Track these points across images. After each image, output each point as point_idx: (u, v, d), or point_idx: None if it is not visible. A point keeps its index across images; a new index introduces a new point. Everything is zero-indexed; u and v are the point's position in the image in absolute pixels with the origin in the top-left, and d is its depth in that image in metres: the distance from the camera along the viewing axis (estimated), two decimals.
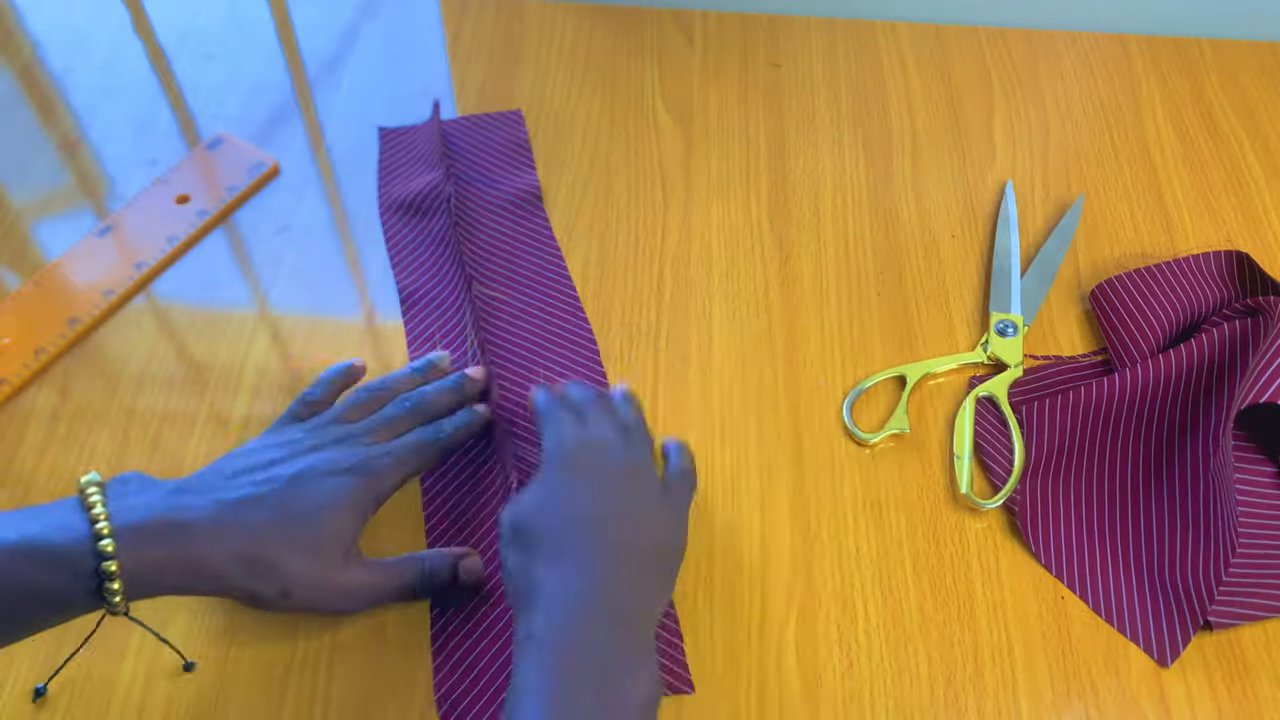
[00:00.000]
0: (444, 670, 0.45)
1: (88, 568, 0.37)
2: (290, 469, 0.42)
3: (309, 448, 0.44)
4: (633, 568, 0.41)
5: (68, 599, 0.38)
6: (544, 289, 0.58)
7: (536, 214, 0.62)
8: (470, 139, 0.65)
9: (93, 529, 0.37)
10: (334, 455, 0.44)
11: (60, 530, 0.37)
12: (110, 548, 0.37)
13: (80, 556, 0.37)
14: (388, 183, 0.63)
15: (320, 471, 0.42)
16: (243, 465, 0.43)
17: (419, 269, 0.59)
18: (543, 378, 0.54)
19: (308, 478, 0.42)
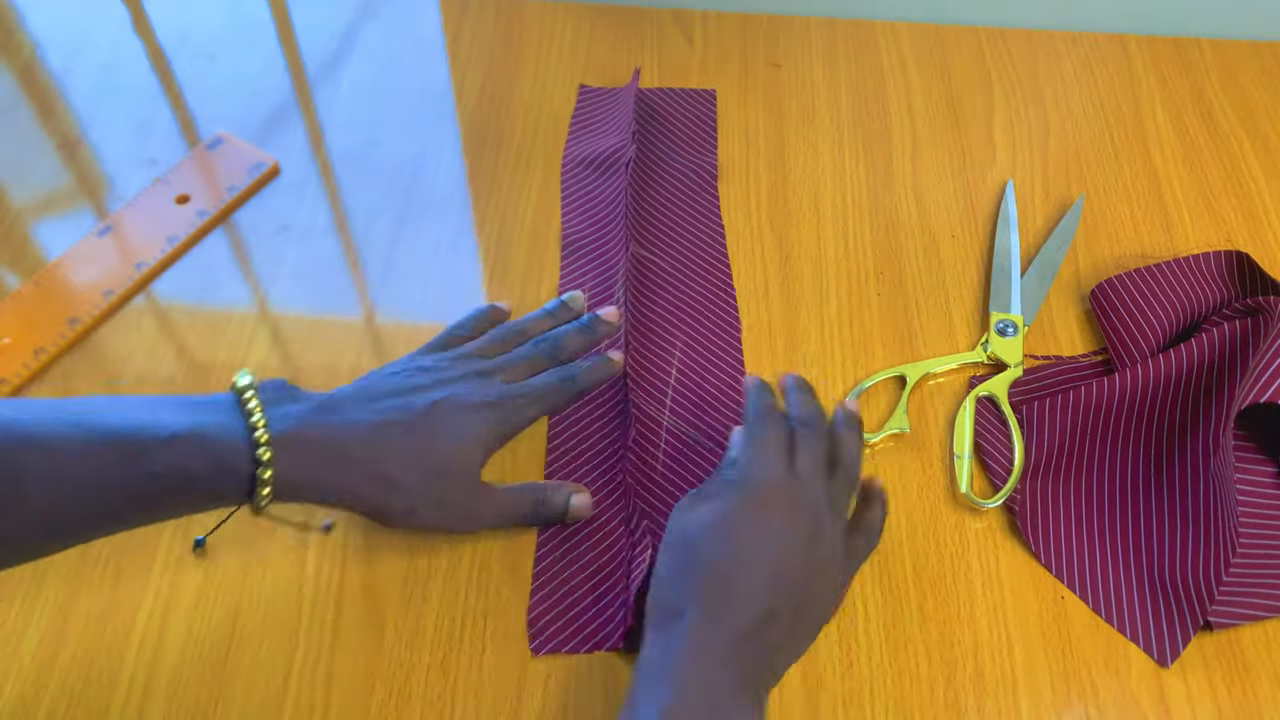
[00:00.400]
0: (540, 594, 0.47)
1: (245, 471, 0.40)
2: (429, 397, 0.44)
3: (450, 378, 0.46)
4: (786, 625, 0.41)
5: (219, 493, 0.40)
6: (699, 262, 0.60)
7: (708, 192, 0.63)
8: (664, 110, 0.68)
9: (252, 436, 0.40)
10: (472, 388, 0.45)
11: (222, 430, 0.40)
12: (267, 455, 0.40)
13: (239, 458, 0.40)
14: (576, 136, 0.66)
15: (458, 403, 0.44)
16: (388, 388, 0.45)
17: (585, 219, 0.62)
18: (680, 343, 0.56)
19: (445, 408, 0.44)
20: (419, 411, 0.44)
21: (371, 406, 0.44)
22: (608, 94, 0.69)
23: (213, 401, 0.41)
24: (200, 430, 0.39)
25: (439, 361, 0.47)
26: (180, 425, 0.39)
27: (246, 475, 0.40)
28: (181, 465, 0.39)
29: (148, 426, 0.38)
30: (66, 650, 0.45)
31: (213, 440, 0.39)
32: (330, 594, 0.47)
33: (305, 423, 0.42)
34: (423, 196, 0.63)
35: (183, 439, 0.39)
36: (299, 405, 0.42)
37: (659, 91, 0.69)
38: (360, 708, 0.44)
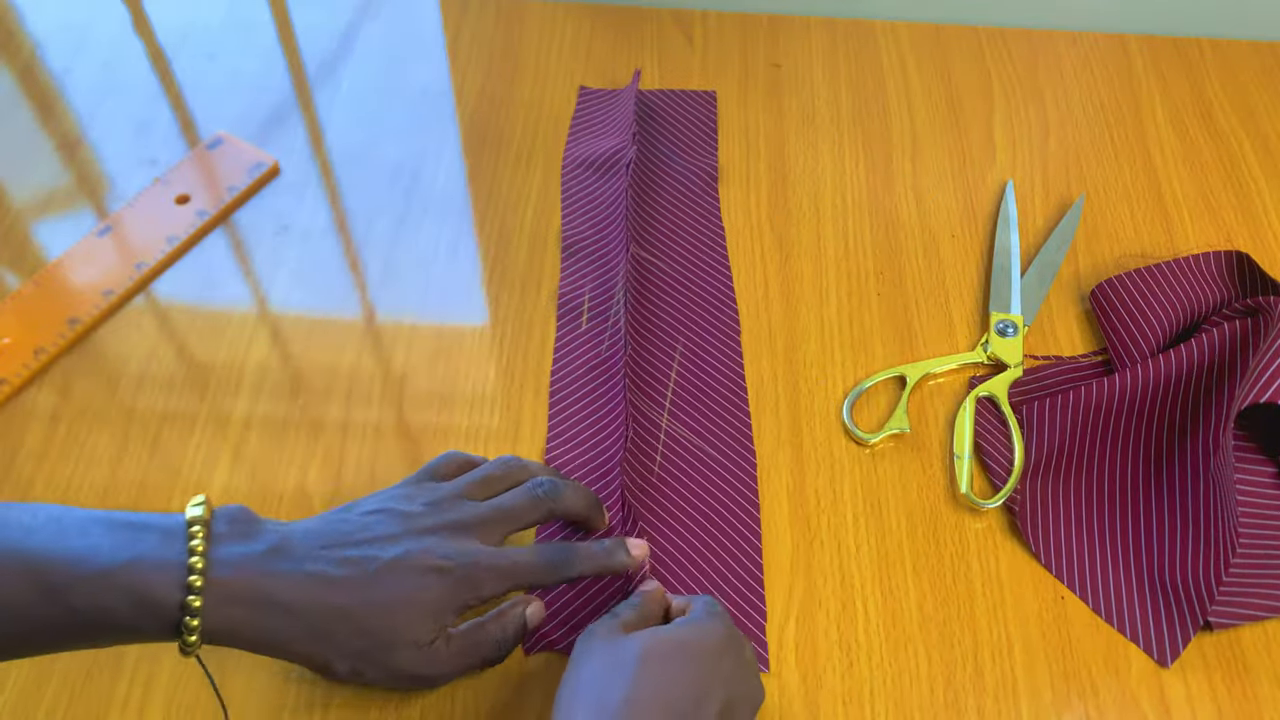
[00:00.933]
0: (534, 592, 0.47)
1: (171, 615, 0.37)
2: (387, 554, 0.41)
3: (420, 530, 0.42)
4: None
5: (143, 632, 0.38)
6: (700, 265, 0.60)
7: (709, 194, 0.63)
8: (664, 111, 0.68)
9: (186, 578, 0.37)
10: (437, 547, 0.41)
11: (156, 567, 0.37)
12: (196, 603, 0.37)
13: (167, 600, 0.37)
14: (576, 138, 0.66)
15: (414, 564, 0.41)
16: (351, 536, 0.41)
17: (586, 220, 0.62)
18: (681, 346, 0.56)
19: (400, 569, 0.40)
20: (371, 572, 0.40)
21: (325, 556, 0.40)
22: (608, 95, 0.69)
23: (159, 527, 0.38)
24: (132, 565, 0.36)
25: (416, 506, 0.43)
26: (112, 558, 0.36)
27: (172, 620, 0.37)
28: (103, 603, 0.36)
29: (76, 557, 0.36)
30: None
31: (142, 578, 0.36)
32: None
33: (247, 570, 0.38)
34: (423, 196, 0.63)
35: (109, 575, 0.36)
36: (247, 546, 0.39)
37: (660, 93, 0.69)
38: (360, 708, 0.44)
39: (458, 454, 0.47)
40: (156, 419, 0.53)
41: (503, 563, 0.42)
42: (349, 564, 0.40)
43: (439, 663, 0.42)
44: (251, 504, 0.49)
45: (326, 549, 0.40)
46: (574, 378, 0.55)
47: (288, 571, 0.39)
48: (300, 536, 0.40)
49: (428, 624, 0.41)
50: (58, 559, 0.36)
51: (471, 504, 0.44)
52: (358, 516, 0.42)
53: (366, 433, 0.53)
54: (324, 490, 0.51)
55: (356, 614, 0.40)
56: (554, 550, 0.44)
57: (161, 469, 0.51)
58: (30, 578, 0.35)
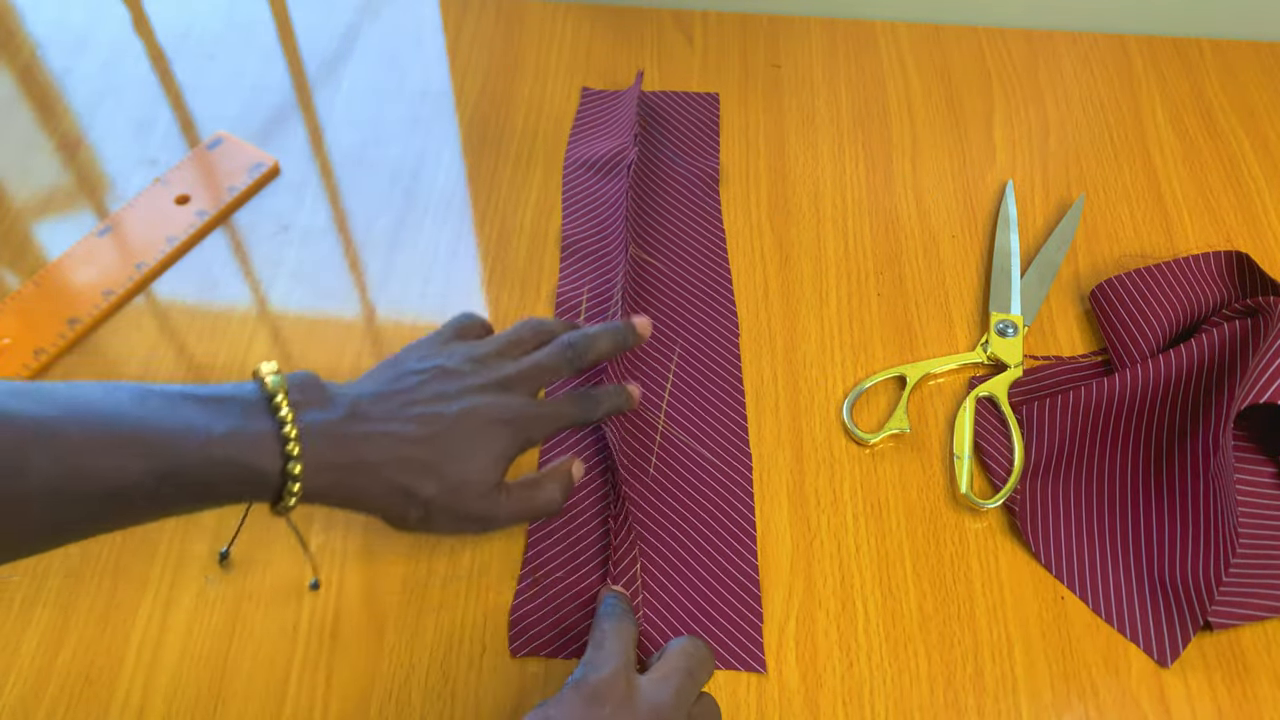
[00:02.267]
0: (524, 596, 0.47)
1: (273, 481, 0.39)
2: (454, 408, 0.44)
3: (473, 387, 0.46)
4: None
5: (241, 497, 0.40)
6: (699, 268, 0.60)
7: (710, 196, 0.63)
8: (666, 113, 0.68)
9: (283, 447, 0.39)
10: (494, 401, 0.45)
11: (253, 438, 0.39)
12: (297, 469, 0.39)
13: (269, 467, 0.39)
14: (578, 138, 0.66)
15: (480, 418, 0.45)
16: (415, 395, 0.45)
17: (586, 221, 0.62)
18: (678, 349, 0.56)
19: (468, 423, 0.44)
20: (444, 425, 0.44)
21: (400, 416, 0.44)
22: (610, 97, 0.69)
23: (239, 398, 0.40)
24: (229, 437, 0.38)
25: (462, 365, 0.47)
26: (209, 431, 0.38)
27: (275, 484, 0.39)
28: (207, 475, 0.38)
29: (174, 429, 0.37)
30: (66, 650, 0.45)
31: (242, 448, 0.38)
32: (330, 595, 0.47)
33: (334, 434, 0.41)
34: (423, 196, 0.63)
35: (211, 446, 0.38)
36: (328, 413, 0.42)
37: (663, 95, 0.69)
38: (360, 708, 0.44)
39: (477, 315, 0.51)
40: None
41: (547, 411, 0.47)
42: (422, 421, 0.44)
43: (500, 508, 0.45)
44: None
45: (400, 409, 0.44)
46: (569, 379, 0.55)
47: (369, 433, 0.42)
48: (369, 399, 0.44)
49: (493, 470, 0.45)
50: (154, 430, 0.37)
51: (511, 362, 0.48)
52: (413, 377, 0.45)
53: None
54: None
55: (433, 465, 0.43)
56: (582, 398, 0.49)
57: None
58: (127, 449, 0.37)
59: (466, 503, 0.44)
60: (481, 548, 0.49)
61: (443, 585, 0.48)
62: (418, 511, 0.43)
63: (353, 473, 0.41)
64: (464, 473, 0.44)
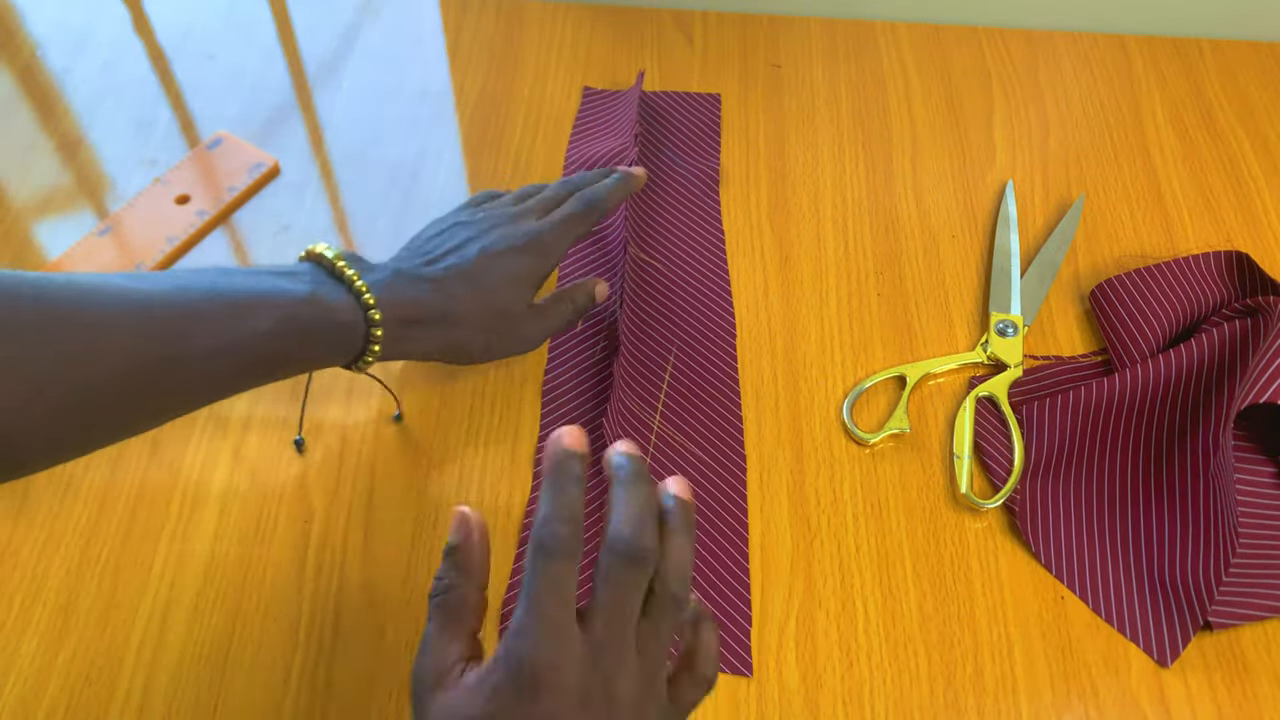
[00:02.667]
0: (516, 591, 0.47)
1: (360, 330, 0.45)
2: (474, 249, 0.50)
3: (484, 230, 0.51)
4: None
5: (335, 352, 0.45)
6: (698, 269, 0.60)
7: (710, 196, 0.63)
8: (668, 113, 0.68)
9: (360, 299, 0.45)
10: (508, 233, 0.51)
11: (336, 296, 0.44)
12: (377, 316, 0.45)
13: (355, 319, 0.44)
14: (579, 138, 0.67)
15: (499, 250, 0.50)
16: (441, 249, 0.50)
17: None
18: (675, 348, 0.56)
19: (490, 256, 0.50)
20: (471, 264, 0.49)
21: (436, 267, 0.49)
22: (612, 96, 0.69)
23: (305, 271, 0.45)
24: (315, 298, 0.43)
25: (473, 216, 0.52)
26: (297, 294, 0.43)
27: (362, 335, 0.45)
28: (311, 329, 0.43)
29: (273, 293, 0.42)
30: (66, 650, 0.45)
31: (331, 306, 0.43)
32: (330, 594, 0.47)
33: (391, 287, 0.46)
34: (423, 196, 0.63)
35: (308, 302, 0.43)
36: (379, 273, 0.47)
37: (665, 95, 0.69)
38: (360, 708, 0.44)
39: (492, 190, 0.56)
40: None
41: (558, 225, 0.52)
42: (453, 267, 0.49)
43: (543, 320, 0.52)
44: (251, 504, 0.50)
45: (434, 263, 0.49)
46: (568, 378, 0.55)
47: (417, 286, 0.47)
48: (405, 262, 0.49)
49: (525, 289, 0.51)
50: (268, 298, 0.42)
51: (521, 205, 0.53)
52: (435, 236, 0.51)
53: (366, 433, 0.53)
54: (324, 490, 0.51)
55: (475, 295, 0.49)
56: (586, 195, 0.54)
57: (161, 469, 0.51)
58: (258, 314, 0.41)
59: (516, 324, 0.50)
60: None
61: None
62: (477, 340, 0.49)
63: (414, 325, 0.47)
64: (500, 298, 0.49)
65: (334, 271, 0.45)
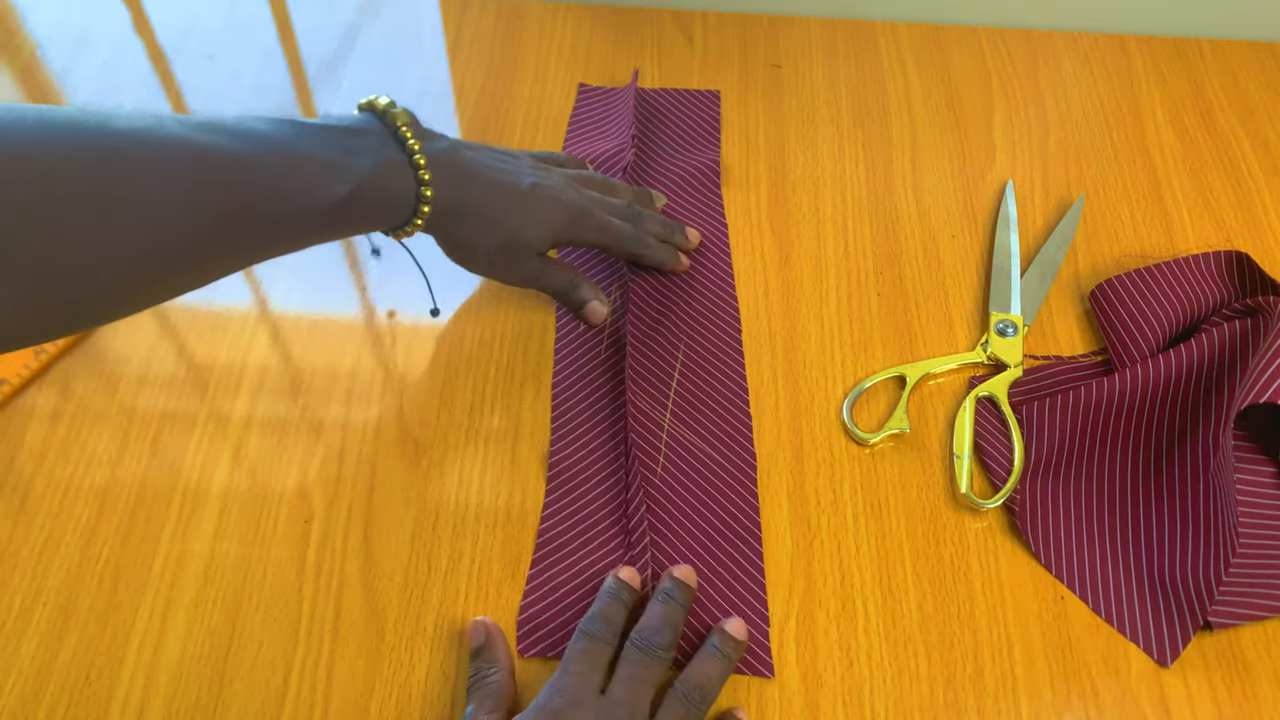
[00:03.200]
0: (532, 596, 0.48)
1: (408, 205, 0.47)
2: (531, 178, 0.52)
3: (551, 177, 0.53)
4: None
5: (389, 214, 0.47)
6: (702, 264, 0.60)
7: (712, 191, 0.64)
8: (667, 110, 0.68)
9: (416, 173, 0.47)
10: (561, 185, 0.53)
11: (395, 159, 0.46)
12: (429, 193, 0.47)
13: (408, 185, 0.46)
14: (575, 136, 0.67)
15: (550, 192, 0.52)
16: (502, 157, 0.53)
17: None
18: (684, 346, 0.56)
19: (541, 189, 0.52)
20: (523, 186, 0.51)
21: (495, 163, 0.51)
22: (607, 94, 0.69)
23: (371, 130, 0.46)
24: (382, 171, 0.45)
25: (541, 163, 0.55)
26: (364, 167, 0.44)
27: (409, 207, 0.47)
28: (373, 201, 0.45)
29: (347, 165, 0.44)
30: (66, 650, 0.46)
31: (392, 182, 0.46)
32: (330, 594, 0.47)
33: (447, 161, 0.48)
34: None
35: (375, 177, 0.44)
36: (435, 144, 0.48)
37: (663, 92, 0.69)
38: (360, 708, 0.44)
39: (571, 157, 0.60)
40: (156, 419, 0.53)
41: (604, 221, 0.54)
42: (509, 176, 0.51)
43: (536, 272, 0.53)
44: (251, 504, 0.50)
45: (495, 162, 0.52)
46: (576, 378, 0.55)
47: (468, 171, 0.50)
48: (468, 147, 0.51)
49: (545, 237, 0.52)
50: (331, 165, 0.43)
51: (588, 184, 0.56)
52: (504, 153, 0.54)
53: (366, 433, 0.53)
54: (324, 490, 0.51)
55: (506, 213, 0.51)
56: (638, 235, 0.56)
57: (161, 469, 0.51)
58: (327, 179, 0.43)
59: (520, 256, 0.52)
60: (483, 547, 0.49)
61: (443, 584, 0.48)
62: (484, 253, 0.52)
63: (458, 199, 0.49)
64: (522, 231, 0.51)
65: (397, 135, 0.46)
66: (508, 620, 0.47)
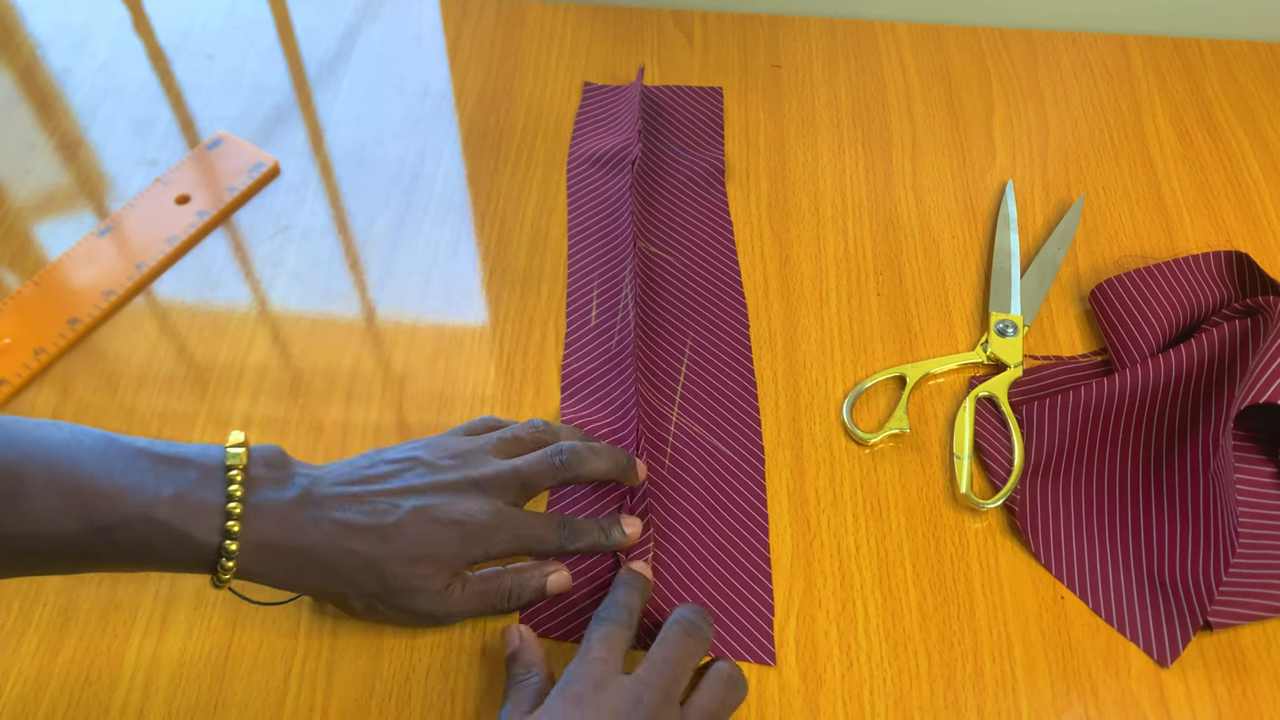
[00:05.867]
0: None
1: (209, 556, 0.39)
2: (407, 504, 0.43)
3: (441, 484, 0.44)
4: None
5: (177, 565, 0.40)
6: (708, 259, 0.60)
7: (716, 188, 0.64)
8: (670, 107, 0.68)
9: (225, 525, 0.39)
10: (454, 503, 0.44)
11: (198, 511, 0.39)
12: (233, 546, 0.39)
13: (207, 540, 0.39)
14: (581, 134, 0.66)
15: (432, 518, 0.43)
16: (375, 487, 0.44)
17: (592, 215, 0.62)
18: (691, 339, 0.56)
19: (418, 520, 0.43)
20: (391, 523, 0.42)
21: (352, 506, 0.42)
22: (613, 91, 0.69)
23: (199, 463, 0.40)
24: (174, 502, 0.38)
25: (439, 459, 0.45)
26: (156, 495, 0.38)
27: (210, 557, 0.39)
28: (144, 538, 0.38)
29: (121, 491, 0.38)
30: (66, 650, 0.45)
31: (184, 516, 0.39)
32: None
33: (280, 515, 0.41)
34: (423, 196, 0.63)
35: (152, 511, 0.38)
36: (280, 493, 0.41)
37: (666, 89, 0.69)
38: (360, 708, 0.44)
39: (492, 418, 0.51)
40: (156, 419, 0.53)
41: (512, 526, 0.45)
42: (372, 514, 0.42)
43: (451, 604, 0.45)
44: None
45: (351, 499, 0.43)
46: (585, 371, 0.55)
47: (317, 519, 0.41)
48: (329, 484, 0.43)
49: (442, 574, 0.44)
50: (103, 491, 0.38)
51: (494, 462, 0.46)
52: (384, 464, 0.45)
53: (366, 433, 0.53)
54: None
55: (377, 561, 0.42)
56: (560, 523, 0.47)
57: None
58: (74, 506, 0.37)
59: (409, 602, 0.44)
60: None
61: None
62: (361, 603, 0.44)
63: (292, 556, 0.41)
64: (406, 576, 0.43)
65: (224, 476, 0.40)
66: (512, 615, 0.47)
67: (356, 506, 0.42)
